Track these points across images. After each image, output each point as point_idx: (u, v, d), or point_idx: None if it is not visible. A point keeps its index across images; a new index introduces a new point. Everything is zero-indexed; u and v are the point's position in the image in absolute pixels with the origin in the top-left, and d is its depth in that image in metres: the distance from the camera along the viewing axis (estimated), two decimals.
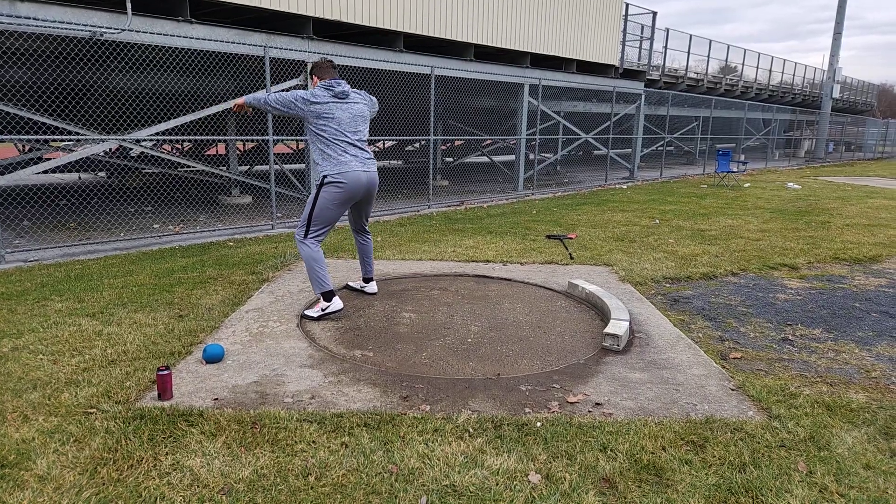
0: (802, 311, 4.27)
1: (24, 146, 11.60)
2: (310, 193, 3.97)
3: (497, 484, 2.10)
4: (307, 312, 3.94)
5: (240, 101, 3.90)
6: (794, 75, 27.62)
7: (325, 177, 3.82)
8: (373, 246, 4.40)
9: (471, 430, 2.46)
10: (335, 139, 3.82)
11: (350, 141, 3.86)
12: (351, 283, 4.63)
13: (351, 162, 3.84)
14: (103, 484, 2.07)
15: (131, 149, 10.18)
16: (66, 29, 5.57)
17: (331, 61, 3.95)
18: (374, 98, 4.15)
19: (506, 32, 10.54)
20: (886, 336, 3.78)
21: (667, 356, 3.33)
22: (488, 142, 15.66)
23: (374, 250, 6.01)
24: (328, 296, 3.90)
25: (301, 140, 8.29)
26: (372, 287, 4.49)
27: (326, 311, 3.91)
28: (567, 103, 14.15)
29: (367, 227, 4.35)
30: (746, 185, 14.04)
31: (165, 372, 2.68)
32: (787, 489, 2.09)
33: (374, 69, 8.55)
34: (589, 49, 12.73)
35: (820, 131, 26.66)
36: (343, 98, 3.84)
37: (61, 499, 1.99)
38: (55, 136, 5.41)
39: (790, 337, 3.74)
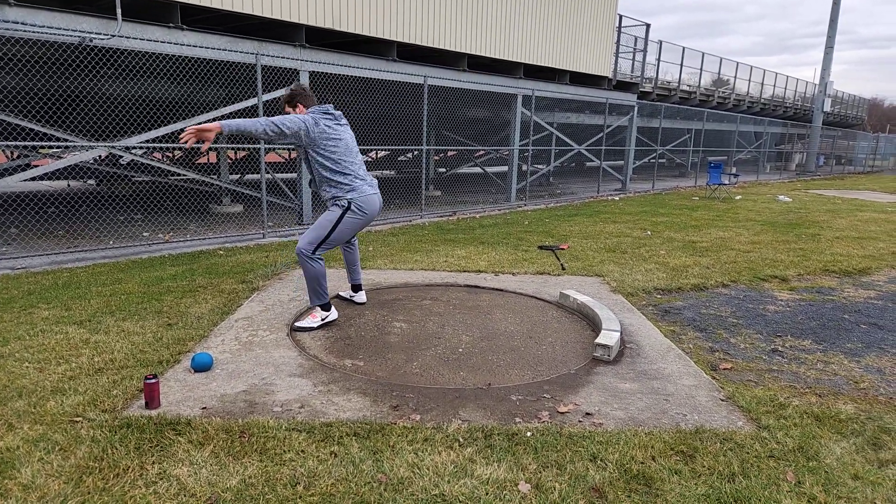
0: (792, 323, 4.30)
1: (11, 153, 11.53)
2: (328, 210, 3.84)
3: (487, 493, 2.09)
4: (301, 324, 3.90)
5: (212, 126, 3.21)
6: (785, 89, 27.97)
7: (350, 202, 3.76)
8: (359, 253, 4.36)
9: (461, 440, 2.45)
10: (345, 161, 3.77)
11: (360, 164, 3.87)
12: (342, 293, 4.61)
13: (371, 188, 3.87)
14: (88, 493, 2.04)
15: (121, 156, 10.14)
16: (54, 34, 5.56)
17: (307, 88, 3.88)
18: None
19: (499, 43, 10.62)
20: (875, 347, 3.80)
21: (657, 367, 3.34)
22: (481, 152, 15.74)
23: (366, 259, 6.00)
24: (328, 307, 3.93)
25: (294, 149, 8.30)
26: (361, 297, 4.47)
27: (326, 320, 3.93)
28: (560, 115, 14.25)
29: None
30: (738, 197, 14.16)
31: (153, 380, 2.65)
32: (775, 499, 2.10)
33: (367, 78, 8.58)
34: (582, 60, 12.85)
35: (811, 145, 26.96)
36: (342, 122, 3.84)
37: None
38: (43, 143, 5.38)
39: (780, 348, 3.76)
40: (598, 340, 3.48)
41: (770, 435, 2.55)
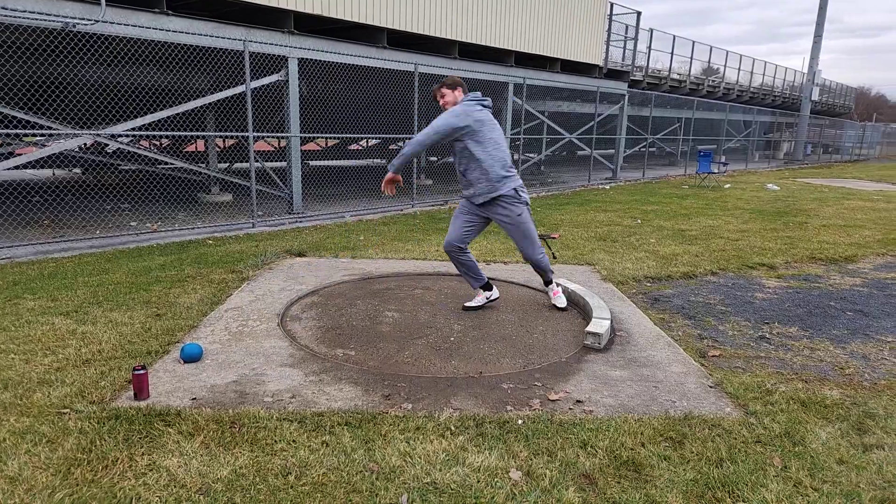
0: (779, 310, 4.34)
1: None
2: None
3: (478, 481, 2.10)
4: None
5: (389, 178, 3.75)
6: (774, 77, 28.07)
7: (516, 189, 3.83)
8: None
9: (452, 428, 2.45)
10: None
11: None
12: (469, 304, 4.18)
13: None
14: (77, 485, 2.02)
15: (107, 145, 10.00)
16: (37, 19, 5.44)
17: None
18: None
19: (490, 31, 10.55)
20: (860, 334, 3.85)
21: (647, 354, 3.36)
22: None
23: (357, 249, 5.98)
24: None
25: (283, 137, 8.19)
26: (494, 293, 4.18)
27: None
28: (551, 103, 14.21)
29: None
30: (727, 185, 14.23)
31: (141, 371, 2.63)
32: (762, 484, 2.12)
33: (357, 66, 8.50)
34: (573, 48, 12.80)
35: (799, 133, 27.13)
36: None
37: (33, 500, 1.94)
38: (27, 131, 5.29)
39: (767, 335, 3.80)
40: (588, 328, 3.50)
41: (757, 421, 2.58)
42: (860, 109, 54.92)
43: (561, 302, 4.16)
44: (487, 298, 4.12)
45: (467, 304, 4.13)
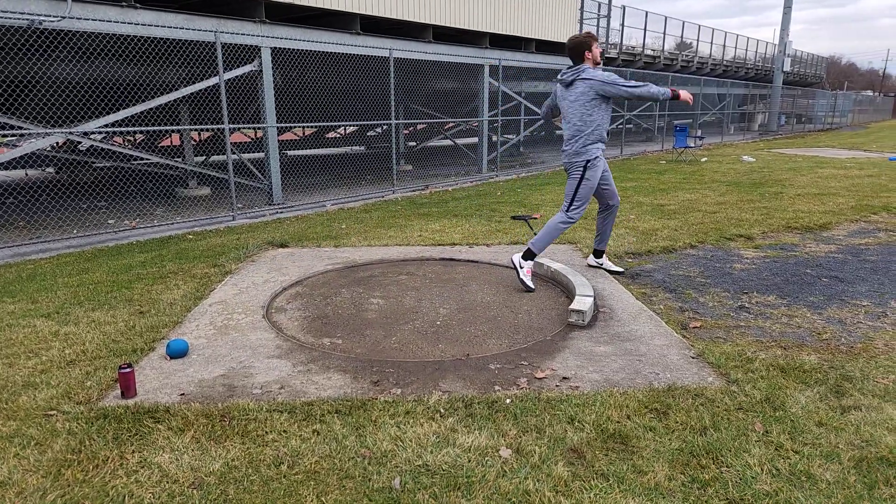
0: (758, 280, 4.43)
1: None
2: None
3: (469, 461, 2.13)
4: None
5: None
6: (746, 50, 28.27)
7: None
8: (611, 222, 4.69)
9: (442, 411, 2.49)
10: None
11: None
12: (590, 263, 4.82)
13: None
14: (69, 485, 2.02)
15: (80, 142, 9.80)
16: (0, 18, 5.28)
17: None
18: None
19: (464, 13, 10.46)
20: (836, 300, 3.95)
21: (630, 329, 3.42)
22: (451, 125, 15.61)
23: (339, 237, 5.96)
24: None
25: (259, 128, 8.08)
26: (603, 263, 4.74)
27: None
28: (528, 83, 14.17)
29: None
30: (703, 159, 14.38)
31: (128, 369, 2.62)
32: (745, 449, 2.19)
33: (331, 53, 8.39)
34: (548, 28, 12.75)
35: (772, 104, 27.42)
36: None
37: (25, 503, 1.94)
38: None
39: (746, 304, 3.88)
40: (572, 306, 3.54)
41: (738, 388, 2.65)
42: (832, 78, 55.60)
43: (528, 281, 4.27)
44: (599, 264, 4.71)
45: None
